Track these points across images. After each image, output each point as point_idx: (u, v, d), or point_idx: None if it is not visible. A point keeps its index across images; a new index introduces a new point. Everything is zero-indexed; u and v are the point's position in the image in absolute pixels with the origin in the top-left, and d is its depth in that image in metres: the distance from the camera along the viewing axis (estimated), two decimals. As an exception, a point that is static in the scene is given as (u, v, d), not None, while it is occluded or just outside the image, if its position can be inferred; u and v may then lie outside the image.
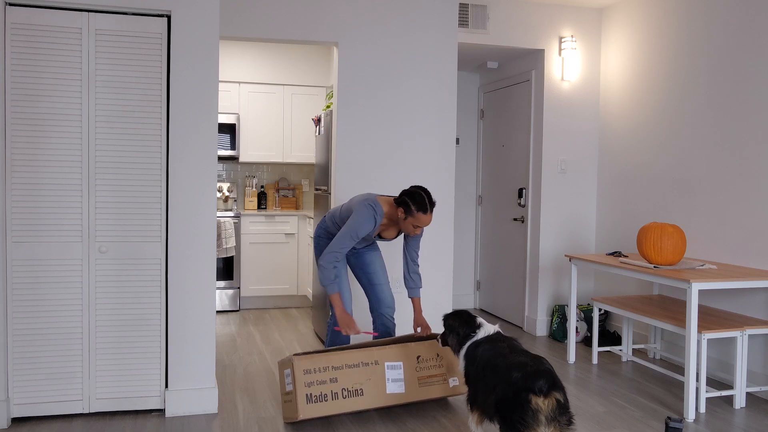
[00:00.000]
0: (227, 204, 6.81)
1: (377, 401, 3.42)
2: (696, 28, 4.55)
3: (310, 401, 3.25)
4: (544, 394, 2.54)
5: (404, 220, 3.57)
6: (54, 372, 3.42)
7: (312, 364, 3.31)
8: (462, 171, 6.61)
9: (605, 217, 5.51)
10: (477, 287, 6.68)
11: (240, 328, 5.66)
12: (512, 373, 2.66)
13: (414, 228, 3.59)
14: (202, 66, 3.51)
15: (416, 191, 3.56)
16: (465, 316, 3.24)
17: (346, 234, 3.56)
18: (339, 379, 3.34)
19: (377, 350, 3.49)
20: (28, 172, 3.34)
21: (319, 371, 3.31)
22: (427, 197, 3.54)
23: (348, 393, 3.35)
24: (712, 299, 4.39)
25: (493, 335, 3.09)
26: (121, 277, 3.47)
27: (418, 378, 3.55)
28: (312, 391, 3.27)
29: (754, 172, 4.10)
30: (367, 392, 3.39)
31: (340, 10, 4.63)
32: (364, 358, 3.43)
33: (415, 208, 3.52)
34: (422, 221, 3.54)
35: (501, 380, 2.70)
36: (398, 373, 3.50)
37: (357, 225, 3.55)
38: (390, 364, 3.48)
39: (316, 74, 6.81)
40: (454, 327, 3.24)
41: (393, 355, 3.51)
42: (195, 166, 3.53)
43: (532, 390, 2.54)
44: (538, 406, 2.52)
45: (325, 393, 3.29)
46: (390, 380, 3.46)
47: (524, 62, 5.77)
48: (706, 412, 3.74)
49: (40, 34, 3.32)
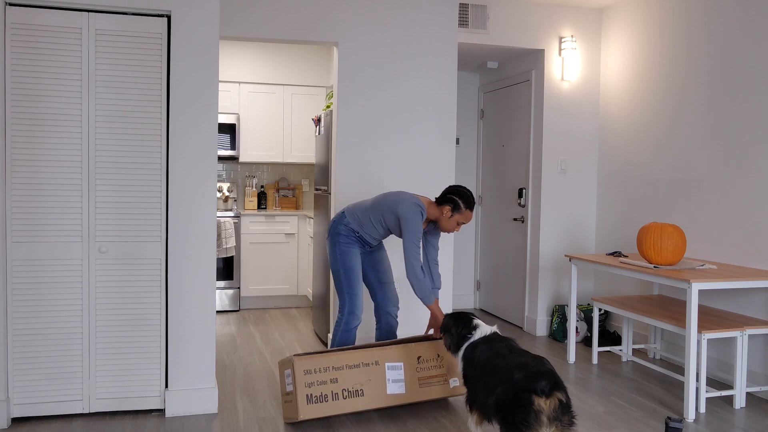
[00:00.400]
0: (227, 204, 6.81)
1: (378, 402, 3.42)
2: (696, 28, 4.55)
3: (311, 401, 3.25)
4: (546, 394, 2.54)
5: (450, 217, 3.70)
6: (54, 372, 3.42)
7: (312, 364, 3.31)
8: (462, 171, 6.61)
9: (605, 217, 5.51)
10: (477, 287, 6.68)
11: (240, 328, 5.66)
12: (514, 373, 2.65)
13: (457, 225, 3.74)
14: (202, 66, 3.51)
15: (462, 189, 3.71)
16: (462, 318, 3.25)
17: (411, 243, 3.61)
18: (339, 379, 3.34)
19: (378, 351, 3.49)
20: (28, 172, 3.34)
21: (319, 371, 3.31)
22: (471, 194, 3.74)
23: (348, 393, 3.35)
24: (712, 299, 4.39)
25: (490, 335, 3.09)
26: (121, 277, 3.47)
27: (419, 378, 3.55)
28: (312, 392, 3.27)
29: (754, 172, 4.10)
30: (367, 393, 3.39)
31: (340, 10, 4.63)
32: (365, 358, 3.43)
33: (464, 205, 3.68)
34: (468, 218, 3.73)
35: (502, 381, 2.70)
36: (399, 373, 3.50)
37: (417, 230, 3.63)
38: (390, 365, 3.49)
39: (316, 74, 6.81)
40: (449, 328, 3.25)
41: (394, 356, 3.51)
42: (195, 166, 3.53)
43: (534, 391, 2.54)
44: (540, 406, 2.52)
45: (326, 393, 3.29)
46: (390, 381, 3.46)
47: (524, 62, 5.77)
48: (706, 412, 3.74)
49: (40, 34, 3.32)
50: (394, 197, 3.75)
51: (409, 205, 3.65)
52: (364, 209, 3.83)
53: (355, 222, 3.82)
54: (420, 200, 3.72)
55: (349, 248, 3.80)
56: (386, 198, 3.78)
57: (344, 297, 3.81)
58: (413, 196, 3.76)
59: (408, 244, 3.59)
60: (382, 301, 3.96)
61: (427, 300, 3.63)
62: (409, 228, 3.61)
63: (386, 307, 3.95)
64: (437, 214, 3.74)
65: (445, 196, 3.70)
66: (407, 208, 3.63)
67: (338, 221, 3.88)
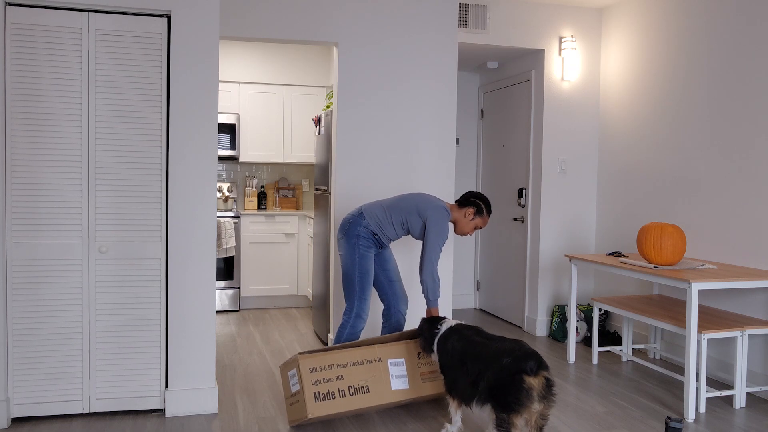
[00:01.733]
0: (227, 204, 6.81)
1: (383, 398, 3.42)
2: (696, 28, 4.55)
3: (319, 399, 3.24)
4: (535, 373, 2.79)
5: (471, 220, 3.87)
6: (54, 372, 3.42)
7: (317, 362, 3.30)
8: (462, 171, 6.61)
9: (605, 217, 5.51)
10: (477, 287, 6.68)
11: (240, 328, 5.66)
12: (501, 359, 2.88)
13: (474, 228, 3.91)
14: (202, 66, 3.51)
15: (484, 196, 3.92)
16: (431, 319, 3.50)
17: (437, 245, 3.71)
18: (345, 376, 3.34)
19: (379, 347, 3.51)
20: (28, 172, 3.34)
21: (324, 369, 3.31)
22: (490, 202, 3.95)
23: (355, 390, 3.35)
24: (712, 299, 4.39)
25: (455, 326, 3.34)
26: (121, 277, 3.47)
27: (421, 374, 3.58)
28: (320, 389, 3.26)
29: (754, 171, 4.10)
30: (373, 389, 3.40)
31: (340, 10, 4.63)
32: (367, 355, 3.45)
33: (486, 210, 3.89)
34: (485, 223, 3.93)
35: (489, 367, 2.92)
36: (401, 369, 3.52)
37: (444, 233, 3.75)
38: (392, 361, 3.51)
39: (316, 74, 6.81)
40: (423, 330, 3.48)
41: (395, 352, 3.54)
42: (195, 166, 3.53)
43: (525, 371, 2.79)
44: (531, 384, 2.77)
45: (333, 391, 3.29)
46: (394, 377, 3.48)
47: (524, 62, 5.77)
48: (706, 412, 3.74)
49: (40, 34, 3.32)
50: (421, 200, 3.80)
51: (438, 209, 3.76)
52: (385, 210, 3.81)
53: (375, 223, 3.79)
54: (445, 204, 3.82)
55: (368, 252, 3.79)
56: (411, 200, 3.81)
57: (354, 300, 3.78)
58: (437, 198, 3.87)
59: (434, 246, 3.70)
60: (393, 300, 3.97)
61: (434, 303, 3.72)
62: (438, 231, 3.72)
63: (397, 305, 3.97)
64: (458, 216, 3.88)
65: (469, 199, 3.87)
66: (437, 213, 3.75)
67: (356, 222, 3.79)
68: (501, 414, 2.79)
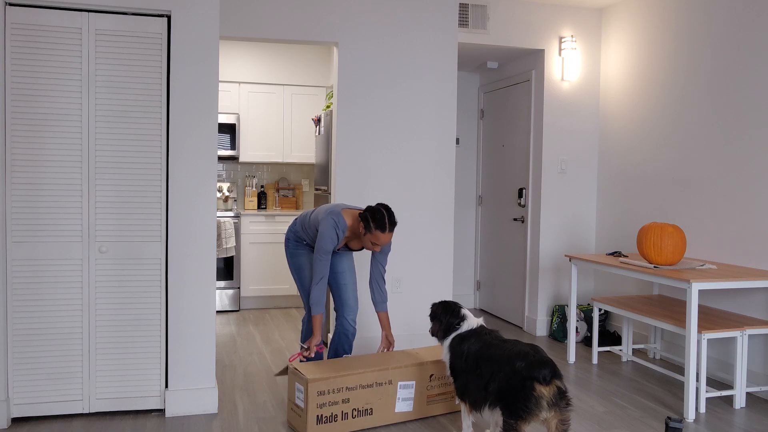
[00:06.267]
0: (227, 204, 6.81)
1: (385, 420, 3.43)
2: (696, 28, 4.55)
3: (320, 422, 3.23)
4: (547, 382, 2.69)
5: (364, 235, 3.55)
6: (54, 372, 3.42)
7: (327, 386, 3.26)
8: (462, 171, 6.60)
9: (605, 217, 5.51)
10: (477, 287, 6.68)
11: (240, 328, 5.66)
12: (515, 362, 2.77)
13: (372, 245, 3.56)
14: (202, 66, 3.51)
15: (378, 209, 3.52)
16: (450, 306, 3.30)
17: (317, 253, 3.56)
18: (351, 399, 3.32)
19: (393, 370, 3.44)
20: (28, 172, 3.34)
21: (332, 392, 3.27)
22: (387, 216, 3.51)
23: (358, 413, 3.34)
24: (712, 299, 4.39)
25: (477, 328, 3.17)
26: (121, 277, 3.47)
27: (428, 396, 3.56)
28: (323, 413, 3.24)
29: (754, 171, 4.10)
30: (376, 412, 3.40)
31: (340, 10, 4.63)
32: (379, 378, 3.39)
33: (374, 225, 3.49)
34: (380, 239, 3.51)
35: (502, 369, 2.81)
36: (409, 392, 3.49)
37: (324, 242, 3.55)
38: (403, 384, 3.47)
39: (316, 74, 6.81)
40: (438, 315, 3.30)
41: (408, 375, 3.48)
42: (195, 166, 3.53)
43: (537, 379, 2.68)
44: (542, 393, 2.67)
45: (336, 414, 3.27)
46: (400, 399, 3.46)
47: (524, 62, 5.77)
48: (706, 412, 3.74)
49: (40, 34, 3.32)
50: (325, 209, 3.68)
51: (327, 218, 3.57)
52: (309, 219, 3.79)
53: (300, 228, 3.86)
54: (343, 215, 3.61)
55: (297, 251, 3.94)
56: (320, 209, 3.75)
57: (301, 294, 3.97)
58: (342, 210, 3.64)
59: (315, 257, 3.57)
60: (338, 305, 3.85)
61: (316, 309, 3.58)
62: (319, 238, 3.56)
63: (342, 311, 3.83)
64: (355, 228, 3.63)
65: (363, 213, 3.55)
66: (324, 221, 3.57)
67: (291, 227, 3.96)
68: (509, 420, 2.71)
